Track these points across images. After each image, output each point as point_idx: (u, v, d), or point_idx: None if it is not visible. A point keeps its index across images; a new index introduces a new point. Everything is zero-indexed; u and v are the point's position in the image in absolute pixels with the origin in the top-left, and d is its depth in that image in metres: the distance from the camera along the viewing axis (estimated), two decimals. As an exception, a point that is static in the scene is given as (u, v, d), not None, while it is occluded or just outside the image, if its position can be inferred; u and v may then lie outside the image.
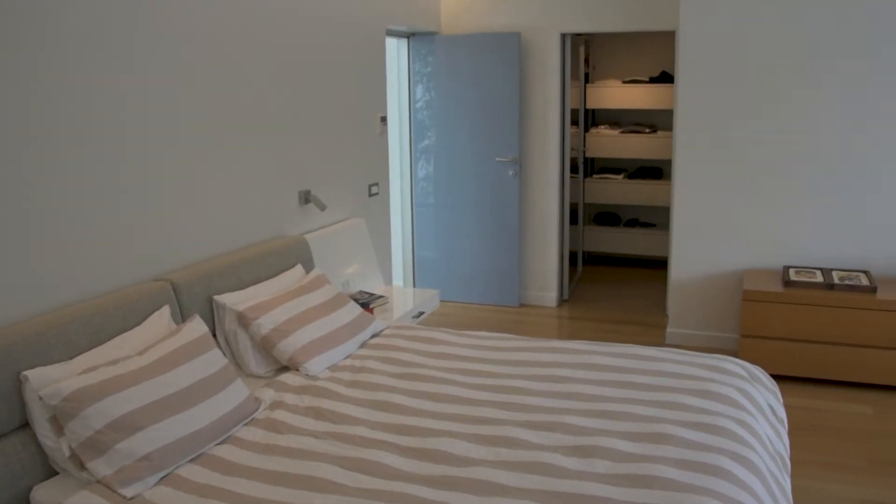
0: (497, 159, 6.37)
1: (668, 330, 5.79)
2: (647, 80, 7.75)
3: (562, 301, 6.81)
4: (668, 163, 7.82)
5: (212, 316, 3.46)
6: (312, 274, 3.93)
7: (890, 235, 5.24)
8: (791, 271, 5.25)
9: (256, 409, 2.95)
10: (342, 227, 4.77)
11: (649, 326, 6.13)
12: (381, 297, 4.54)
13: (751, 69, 5.30)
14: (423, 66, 6.43)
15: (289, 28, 4.28)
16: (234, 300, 3.46)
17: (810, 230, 5.37)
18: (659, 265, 7.91)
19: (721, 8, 5.28)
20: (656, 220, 8.07)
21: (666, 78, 7.56)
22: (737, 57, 5.31)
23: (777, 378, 5.04)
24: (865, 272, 5.20)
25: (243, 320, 3.39)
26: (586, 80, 7.82)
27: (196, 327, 3.04)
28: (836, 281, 5.04)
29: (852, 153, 5.22)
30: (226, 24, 3.75)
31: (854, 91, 5.14)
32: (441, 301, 6.66)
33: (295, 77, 4.37)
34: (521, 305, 6.66)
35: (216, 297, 3.44)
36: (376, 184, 5.41)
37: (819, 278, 5.11)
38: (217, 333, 3.47)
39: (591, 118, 8.20)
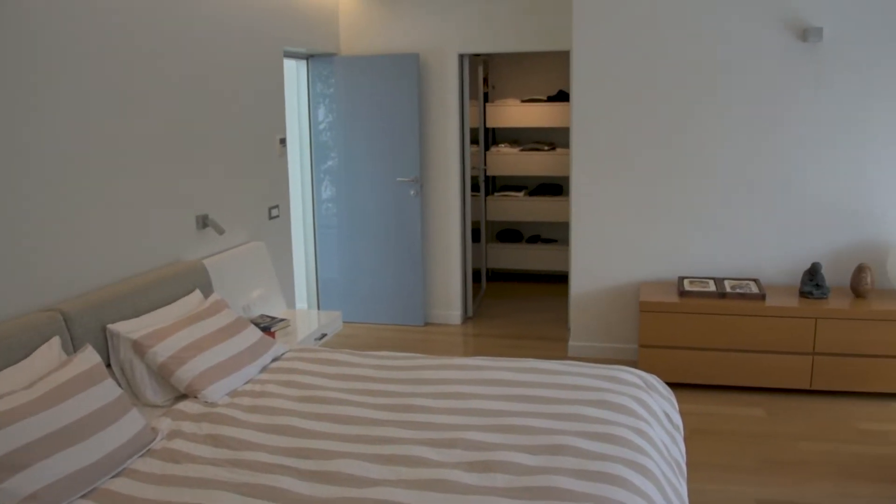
0: (398, 179, 6.40)
1: (570, 343, 5.90)
2: (545, 98, 7.92)
3: (466, 318, 6.87)
4: (568, 179, 7.98)
5: (106, 346, 3.37)
6: (211, 299, 3.87)
7: (776, 244, 5.48)
8: (685, 282, 5.42)
9: (153, 440, 2.87)
10: (242, 251, 4.71)
11: (552, 340, 6.23)
12: (282, 320, 4.50)
13: (641, 87, 5.48)
14: (324, 87, 6.42)
15: (183, 50, 4.22)
16: (128, 328, 3.38)
17: (703, 241, 5.57)
18: (562, 280, 8.06)
19: (611, 28, 5.45)
20: (558, 235, 8.22)
21: (563, 96, 7.74)
22: (628, 75, 5.49)
23: (675, 385, 5.18)
24: (755, 280, 5.41)
25: (139, 349, 3.31)
26: (486, 100, 7.95)
27: (88, 358, 2.95)
28: (728, 289, 5.23)
29: (740, 167, 5.44)
30: (117, 46, 3.68)
31: (738, 106, 5.37)
32: (345, 322, 6.63)
33: (190, 100, 4.30)
34: (426, 324, 6.68)
35: (110, 326, 3.35)
36: (276, 206, 5.36)
37: (712, 287, 5.29)
38: (112, 363, 3.38)
39: (491, 137, 8.32)
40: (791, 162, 5.39)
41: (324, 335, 4.78)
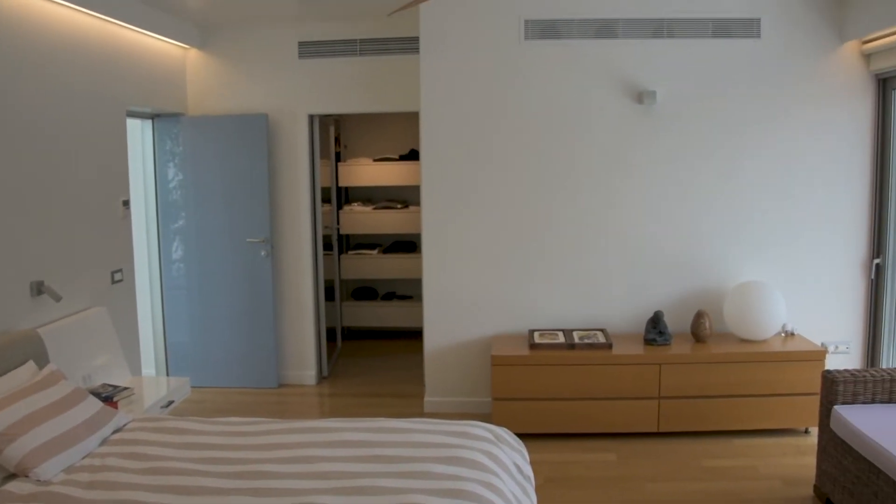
0: (248, 240, 6.31)
1: (426, 399, 5.92)
2: (397, 157, 8.03)
3: (322, 378, 6.79)
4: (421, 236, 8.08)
5: (-74, 424, 3.14)
6: (46, 370, 3.68)
7: (621, 294, 5.73)
8: (536, 334, 5.56)
9: (-23, 525, 2.69)
10: (82, 318, 4.51)
11: (408, 397, 6.23)
12: (126, 388, 4.32)
13: (488, 146, 5.66)
14: (172, 146, 6.29)
15: (18, 109, 4.06)
16: (-49, 405, 3.17)
17: (552, 294, 5.75)
18: (418, 336, 8.05)
19: (458, 90, 5.62)
20: (413, 292, 8.28)
21: (415, 155, 7.86)
22: (475, 135, 5.66)
23: (528, 436, 5.24)
24: (602, 330, 5.61)
25: (-37, 427, 3.11)
26: (338, 159, 7.98)
27: None
28: (577, 340, 5.40)
29: (585, 221, 5.69)
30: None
31: (582, 163, 5.64)
32: (195, 387, 6.40)
33: (27, 161, 4.13)
34: (281, 386, 6.56)
35: (-69, 404, 3.14)
36: (120, 270, 5.18)
37: (561, 339, 5.44)
38: (-67, 443, 3.15)
39: (344, 196, 8.35)
40: (633, 215, 5.67)
41: (171, 402, 4.62)
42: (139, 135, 6.24)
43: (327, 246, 7.33)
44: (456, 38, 5.61)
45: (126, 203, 5.29)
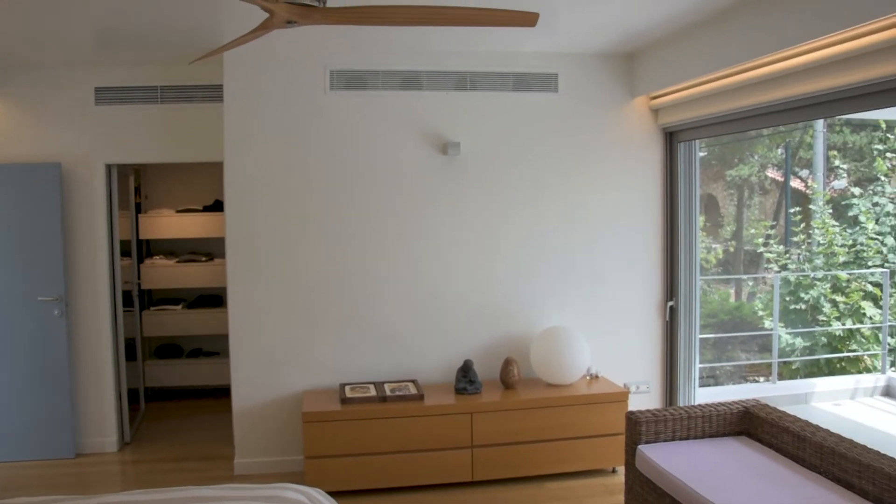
0: (40, 299, 5.86)
1: (237, 461, 5.67)
2: (201, 208, 7.76)
3: (124, 444, 6.36)
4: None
5: None
6: None
7: (431, 345, 5.76)
8: (347, 388, 5.47)
9: None
10: None
11: (218, 459, 5.95)
12: None
13: (293, 197, 5.59)
14: (-53, 199, 5.77)
15: None
16: None
17: (363, 347, 5.69)
18: (228, 394, 7.76)
19: (261, 140, 5.52)
20: (220, 347, 7.95)
21: (220, 206, 7.62)
22: (279, 186, 5.57)
23: (343, 493, 5.13)
24: (414, 381, 5.60)
25: None
26: (139, 210, 7.61)
27: None
28: (389, 393, 5.35)
29: (395, 272, 5.70)
30: None
31: (390, 216, 5.67)
32: (-23, 462, 5.85)
33: None
34: (79, 455, 6.07)
35: None
36: None
37: (373, 392, 5.38)
38: None
39: (145, 249, 7.96)
40: (440, 265, 5.74)
41: (-55, 482, 4.17)
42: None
43: (128, 302, 6.92)
44: (261, 87, 5.52)
45: None
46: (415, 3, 3.19)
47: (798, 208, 11.10)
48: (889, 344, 8.82)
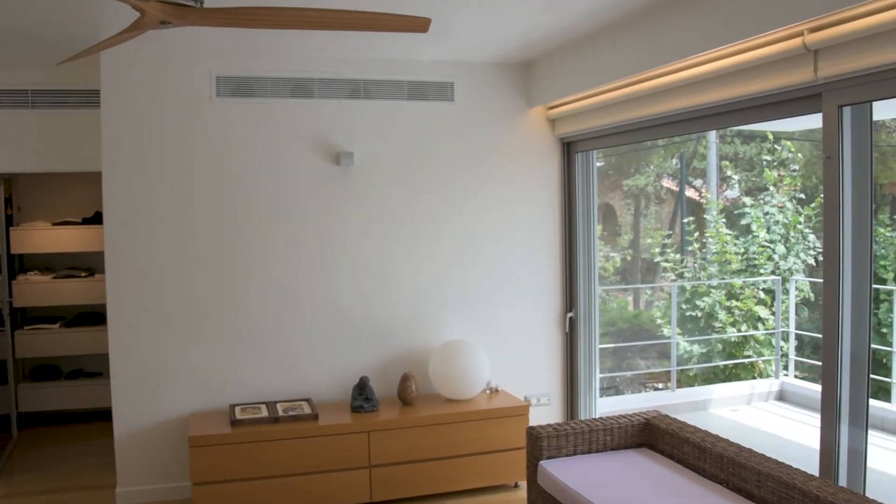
0: None
1: (118, 490, 5.31)
2: (80, 221, 7.32)
3: (-7, 476, 5.91)
4: (112, 306, 7.41)
5: None
6: None
7: (325, 362, 5.56)
8: (237, 409, 5.20)
9: None
10: None
11: (99, 489, 5.55)
12: None
13: (178, 208, 5.30)
14: None
15: None
16: None
17: (253, 365, 5.44)
18: (110, 417, 7.36)
19: (143, 149, 5.22)
20: (103, 367, 7.48)
21: (100, 218, 7.18)
22: (163, 197, 5.28)
23: (233, 523, 4.87)
24: (308, 400, 5.38)
25: None
26: (10, 223, 7.12)
27: None
28: (281, 413, 5.12)
29: (284, 287, 5.46)
30: None
31: (280, 228, 5.44)
32: None
33: None
34: (-60, 490, 5.62)
35: None
36: None
37: (265, 413, 5.13)
38: None
39: (18, 264, 7.46)
40: (333, 279, 5.54)
41: None
42: None
43: (-2, 322, 6.46)
44: (141, 93, 5.20)
45: None
46: (302, 6, 3.00)
47: (693, 217, 11.33)
48: (781, 349, 9.03)
